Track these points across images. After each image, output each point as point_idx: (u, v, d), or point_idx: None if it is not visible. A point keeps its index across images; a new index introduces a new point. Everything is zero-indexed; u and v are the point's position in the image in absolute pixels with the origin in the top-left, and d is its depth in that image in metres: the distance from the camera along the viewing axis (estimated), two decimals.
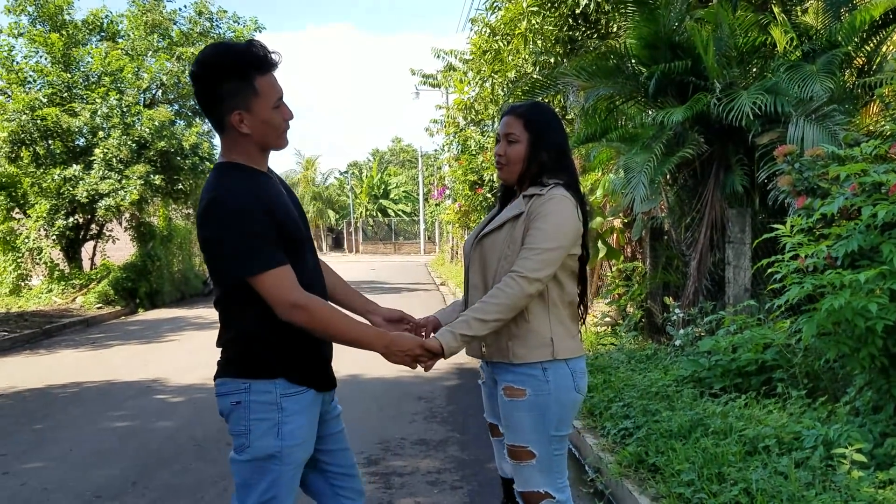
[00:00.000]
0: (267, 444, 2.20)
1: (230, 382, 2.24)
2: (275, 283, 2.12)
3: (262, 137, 2.22)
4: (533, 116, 2.60)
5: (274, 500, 2.23)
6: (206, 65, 2.17)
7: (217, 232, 2.13)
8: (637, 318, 8.34)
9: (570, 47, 10.33)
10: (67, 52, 15.63)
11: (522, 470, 2.54)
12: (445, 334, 2.38)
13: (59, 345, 10.77)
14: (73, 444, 5.48)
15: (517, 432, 2.52)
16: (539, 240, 2.43)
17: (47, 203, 14.85)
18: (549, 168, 2.57)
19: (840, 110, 5.81)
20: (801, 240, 3.98)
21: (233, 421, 2.24)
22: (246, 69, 2.15)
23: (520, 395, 2.50)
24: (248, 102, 2.16)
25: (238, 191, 2.14)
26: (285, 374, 2.22)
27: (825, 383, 4.73)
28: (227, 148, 2.25)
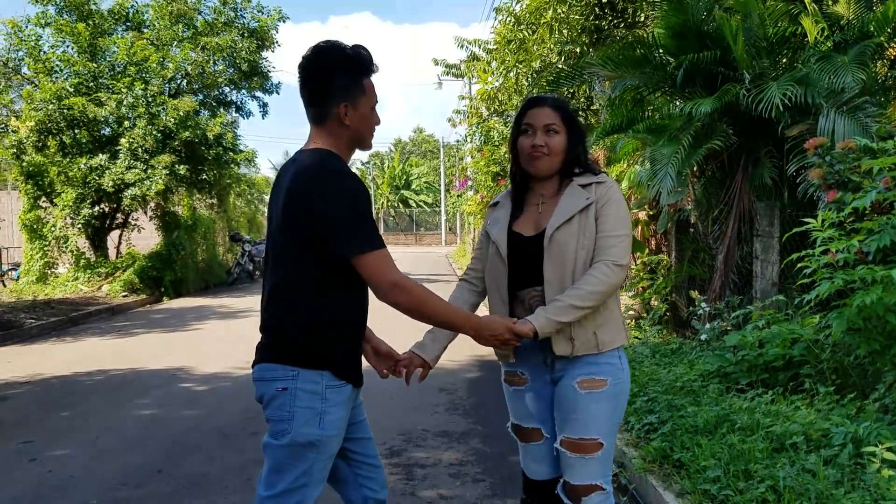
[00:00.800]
0: (308, 431, 2.24)
1: (278, 368, 2.28)
2: (381, 262, 2.23)
3: (357, 132, 2.38)
4: (568, 110, 2.66)
5: (304, 487, 2.27)
6: (323, 58, 2.34)
7: (335, 207, 2.20)
8: (662, 312, 8.27)
9: (596, 37, 10.22)
10: (93, 42, 15.77)
11: (586, 463, 2.51)
12: (540, 318, 2.41)
13: (85, 332, 10.90)
14: (98, 432, 5.53)
15: (591, 425, 2.50)
16: (619, 226, 2.51)
17: (73, 192, 15.01)
18: (580, 159, 2.63)
19: (872, 102, 5.71)
20: (832, 234, 3.92)
21: (275, 406, 2.27)
22: (358, 68, 2.35)
23: (600, 386, 2.50)
24: (356, 98, 2.34)
25: (347, 171, 2.29)
26: (331, 367, 2.28)
27: (854, 380, 4.65)
28: (321, 138, 2.36)
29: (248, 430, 5.49)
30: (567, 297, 2.43)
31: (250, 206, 24.74)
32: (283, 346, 2.30)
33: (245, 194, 22.27)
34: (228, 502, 4.13)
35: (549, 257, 2.53)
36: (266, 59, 19.11)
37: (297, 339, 2.28)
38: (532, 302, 2.56)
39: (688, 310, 7.54)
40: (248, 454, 4.91)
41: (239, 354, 8.58)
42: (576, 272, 2.49)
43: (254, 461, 4.75)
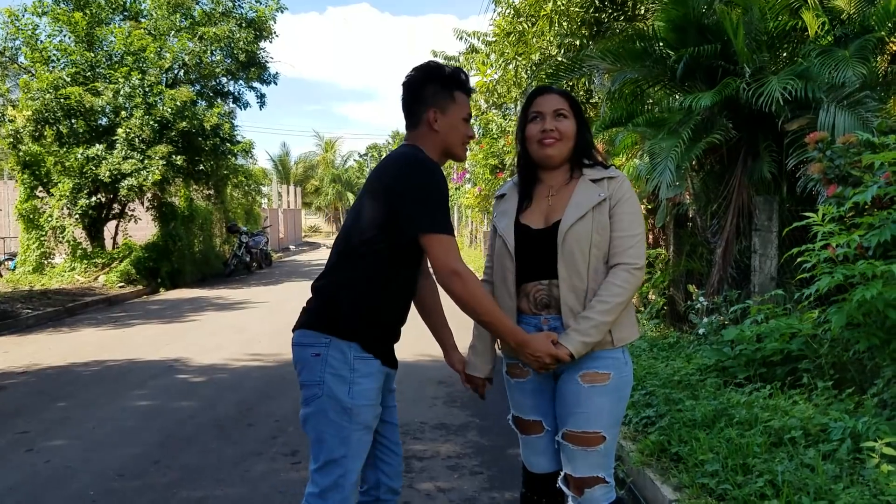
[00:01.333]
0: (338, 396, 2.37)
1: (312, 335, 2.43)
2: (448, 246, 2.34)
3: (446, 138, 2.54)
4: (573, 98, 2.66)
5: (344, 458, 2.37)
6: (419, 69, 2.57)
7: (416, 189, 2.36)
8: (659, 306, 8.27)
9: (596, 30, 10.19)
10: (91, 32, 15.70)
11: (588, 456, 2.49)
12: (575, 342, 2.40)
13: (82, 323, 10.88)
14: (95, 423, 5.52)
15: (594, 418, 2.48)
16: (634, 225, 2.49)
17: (70, 182, 14.96)
18: (588, 147, 2.63)
19: (873, 97, 5.69)
20: (833, 228, 3.91)
21: (308, 370, 2.41)
22: (449, 81, 2.53)
23: (603, 380, 2.48)
24: (445, 106, 2.52)
25: (435, 165, 2.46)
26: (359, 340, 2.40)
27: (852, 375, 4.65)
28: (414, 141, 2.55)
29: (245, 421, 5.48)
30: (595, 313, 2.41)
31: (247, 198, 24.67)
32: (323, 315, 2.44)
33: (242, 185, 22.17)
34: (224, 494, 4.12)
35: (563, 254, 2.48)
36: (264, 50, 19.08)
37: (336, 310, 2.42)
38: (538, 296, 2.53)
39: (685, 304, 7.54)
40: (244, 446, 4.91)
41: (235, 346, 8.58)
42: (589, 269, 2.47)
43: (250, 453, 4.75)
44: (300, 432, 5.14)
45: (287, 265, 23.58)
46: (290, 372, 7.29)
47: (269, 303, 13.06)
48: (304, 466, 4.49)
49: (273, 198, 39.50)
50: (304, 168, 56.53)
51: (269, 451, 4.79)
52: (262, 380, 6.86)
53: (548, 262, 2.49)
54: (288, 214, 36.52)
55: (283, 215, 35.09)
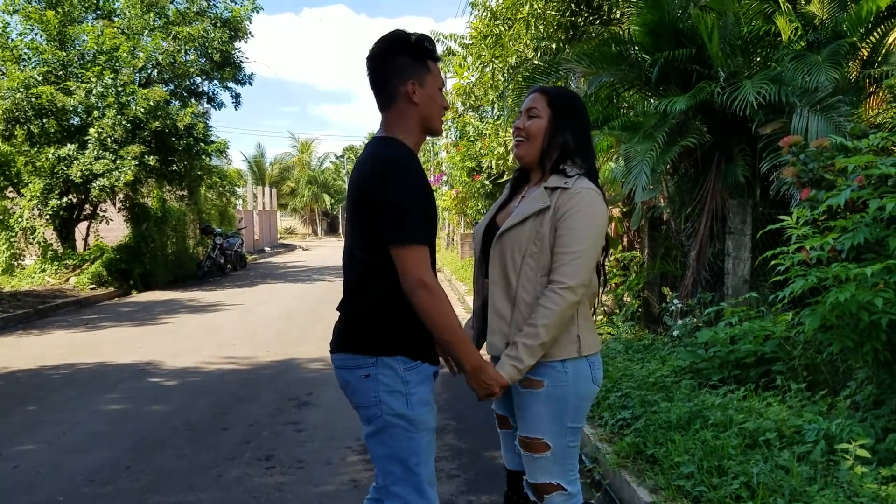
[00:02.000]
0: (398, 410, 2.32)
1: (359, 358, 2.34)
2: (416, 257, 2.22)
3: (427, 111, 2.40)
4: (558, 95, 2.57)
5: (418, 465, 2.34)
6: (385, 41, 2.40)
7: (386, 194, 2.22)
8: (634, 308, 8.31)
9: (572, 33, 10.23)
10: (63, 30, 15.48)
11: (536, 461, 2.50)
12: (507, 368, 2.37)
13: (52, 325, 10.71)
14: (66, 427, 5.43)
15: (533, 424, 2.48)
16: (573, 241, 2.37)
17: (41, 182, 14.74)
18: (571, 152, 2.51)
19: (845, 101, 5.75)
20: (806, 232, 3.94)
21: (362, 393, 2.35)
22: (421, 51, 2.39)
23: (537, 387, 2.45)
24: (422, 77, 2.38)
25: (409, 161, 2.31)
26: (404, 352, 2.33)
27: (825, 376, 4.70)
28: (392, 124, 2.40)
29: (218, 426, 5.42)
30: (524, 337, 2.38)
31: (222, 199, 24.42)
32: (361, 335, 2.36)
33: (217, 186, 21.93)
34: (197, 499, 4.06)
35: (494, 257, 2.50)
36: (239, 50, 18.92)
37: (373, 328, 2.34)
38: (484, 292, 2.60)
39: (660, 306, 7.58)
40: (217, 450, 4.85)
41: (209, 349, 8.49)
42: (520, 278, 2.44)
43: (224, 458, 4.69)
44: (274, 437, 5.11)
45: (262, 267, 23.42)
46: (264, 375, 7.25)
47: (243, 305, 12.94)
48: (278, 471, 4.44)
49: (248, 199, 39.22)
50: (279, 169, 56.23)
51: (242, 456, 4.73)
52: (237, 383, 6.79)
53: None
54: (263, 216, 36.27)
55: (259, 217, 34.85)
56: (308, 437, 5.12)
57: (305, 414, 5.70)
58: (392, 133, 2.39)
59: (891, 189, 3.61)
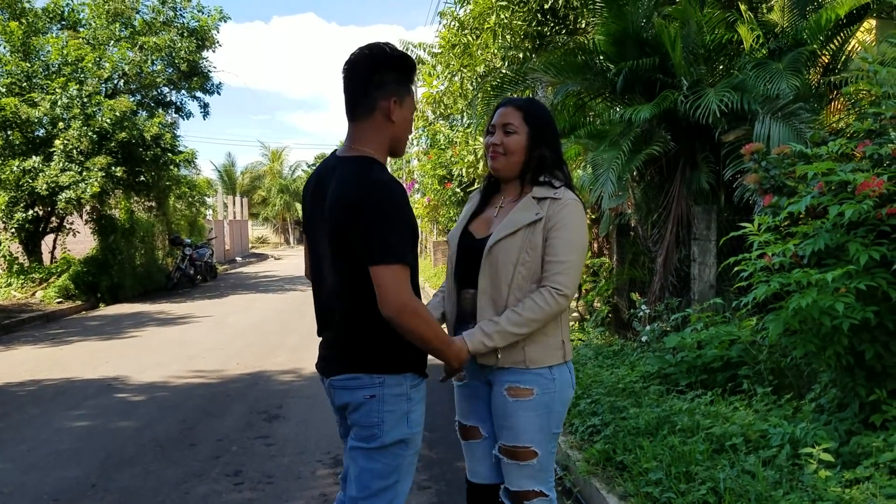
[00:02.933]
0: (399, 431, 2.31)
1: (363, 377, 2.31)
2: (399, 278, 2.18)
3: (399, 132, 2.38)
4: (533, 110, 2.60)
5: (397, 483, 2.35)
6: (375, 52, 2.33)
7: (371, 214, 2.18)
8: (604, 314, 8.37)
9: (538, 43, 10.30)
10: (27, 41, 15.25)
11: (522, 470, 2.52)
12: (474, 339, 2.43)
13: (18, 340, 10.52)
14: (30, 445, 5.33)
15: (521, 432, 2.50)
16: (567, 250, 2.44)
17: (6, 195, 14.48)
18: (549, 165, 2.57)
19: (806, 108, 5.85)
20: (769, 238, 3.99)
21: (363, 413, 2.31)
22: (408, 70, 2.37)
23: (527, 395, 2.48)
24: (404, 97, 2.35)
25: (392, 183, 2.25)
26: (412, 369, 2.34)
27: (790, 380, 4.76)
28: (363, 135, 2.34)
29: (186, 441, 5.35)
30: (504, 319, 2.42)
31: (191, 209, 24.18)
32: (364, 355, 2.32)
33: (186, 196, 21.72)
34: None
35: (485, 267, 2.52)
36: (206, 59, 18.84)
37: (376, 347, 2.30)
38: (464, 303, 2.60)
39: (629, 312, 7.64)
40: (185, 466, 4.79)
41: (177, 363, 8.40)
42: (511, 287, 2.47)
43: (192, 474, 4.64)
44: (243, 451, 5.06)
45: (233, 277, 23.22)
46: (234, 389, 7.17)
47: (213, 317, 12.82)
48: (247, 487, 4.40)
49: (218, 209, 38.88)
50: (250, 178, 55.79)
51: (211, 472, 4.67)
52: (205, 397, 6.71)
53: (476, 272, 2.54)
54: (234, 226, 35.99)
55: (229, 226, 34.56)
56: (278, 451, 5.08)
57: (275, 427, 5.65)
58: (363, 147, 2.33)
59: (850, 195, 3.67)
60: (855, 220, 3.56)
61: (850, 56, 6.80)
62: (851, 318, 3.52)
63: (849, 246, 3.59)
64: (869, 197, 3.52)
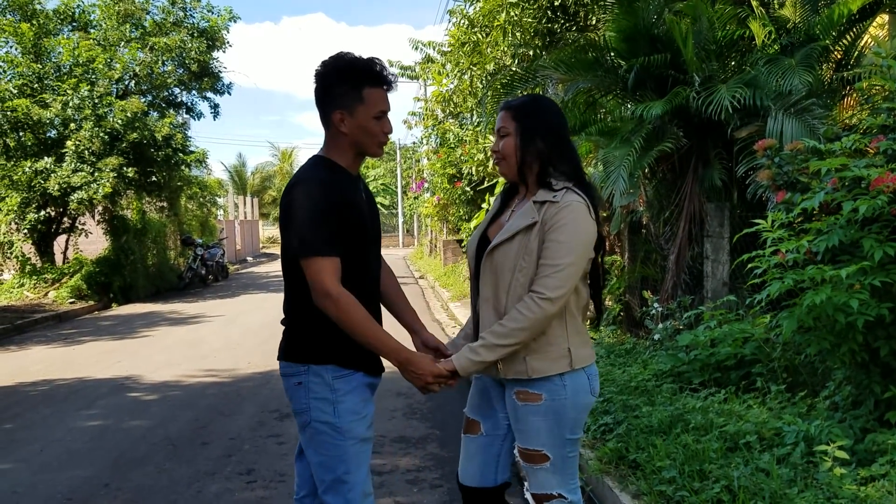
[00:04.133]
0: (325, 419, 2.41)
1: (293, 366, 2.47)
2: (319, 269, 2.31)
3: (356, 140, 2.47)
4: (521, 107, 2.54)
5: (347, 474, 2.42)
6: (326, 66, 2.46)
7: (292, 210, 2.34)
8: (616, 312, 8.33)
9: (548, 40, 10.27)
10: (38, 43, 15.32)
11: (536, 473, 2.50)
12: (461, 359, 2.41)
13: (31, 341, 10.59)
14: (43, 445, 5.36)
15: (532, 436, 2.47)
16: (558, 254, 2.36)
17: (18, 196, 14.57)
18: (549, 157, 2.48)
19: (819, 104, 5.81)
20: (782, 234, 3.96)
21: (295, 400, 2.47)
22: (358, 78, 2.42)
23: (535, 400, 2.44)
24: (352, 107, 2.42)
25: (319, 179, 2.38)
26: (334, 361, 2.42)
27: (804, 378, 4.73)
28: (326, 144, 2.52)
29: (198, 440, 5.37)
30: (489, 333, 2.40)
31: (202, 209, 24.29)
32: (294, 345, 2.48)
33: (197, 197, 21.82)
34: None
35: (485, 273, 2.51)
36: (217, 60, 18.87)
37: (303, 338, 2.45)
38: (478, 310, 2.57)
39: (641, 310, 7.59)
40: (197, 465, 4.80)
41: (189, 362, 8.43)
42: (509, 294, 2.43)
43: (205, 473, 4.65)
44: (255, 450, 5.07)
45: (244, 277, 23.28)
46: (246, 388, 7.21)
47: (224, 316, 12.86)
48: (259, 485, 4.41)
49: (229, 209, 38.99)
50: (260, 178, 55.94)
51: (223, 471, 4.69)
52: (217, 396, 6.73)
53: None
54: (245, 226, 36.08)
55: (240, 227, 34.66)
56: (289, 449, 5.08)
57: (287, 426, 5.66)
58: (327, 152, 2.50)
59: (864, 191, 3.63)
60: (869, 216, 3.53)
61: (863, 51, 6.74)
62: (866, 315, 3.50)
63: (863, 242, 3.57)
64: (883, 193, 3.49)
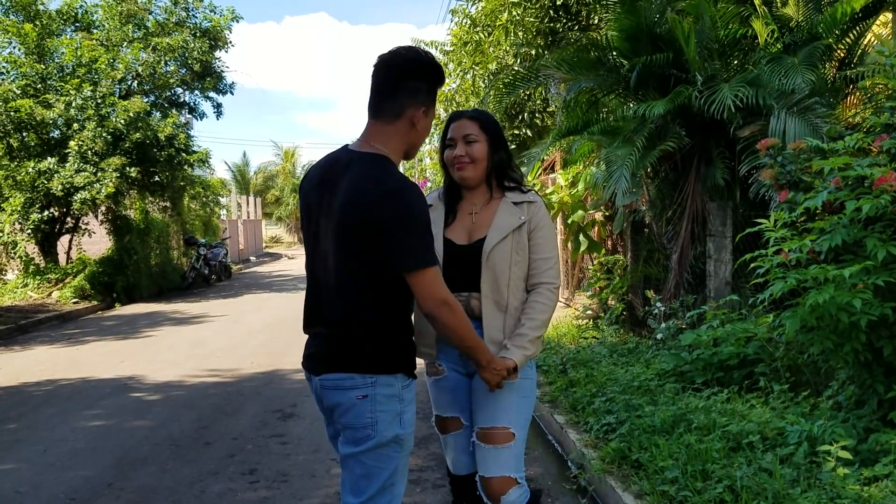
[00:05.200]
0: (392, 432, 2.31)
1: (355, 377, 2.30)
2: (433, 279, 2.25)
3: (418, 139, 2.44)
4: (486, 119, 2.80)
5: (393, 486, 2.36)
6: (412, 58, 2.37)
7: (396, 222, 2.19)
8: (618, 312, 8.32)
9: (551, 39, 10.27)
10: (41, 43, 15.35)
11: (499, 455, 2.65)
12: (517, 355, 2.60)
13: (34, 341, 10.60)
14: (47, 445, 5.37)
15: (501, 413, 2.67)
16: (550, 248, 2.76)
17: (22, 196, 14.59)
18: (508, 164, 2.81)
19: (822, 103, 5.79)
20: (785, 234, 3.95)
21: (356, 414, 2.30)
22: (440, 81, 2.44)
23: (511, 378, 2.62)
24: (430, 108, 2.41)
25: (414, 186, 2.28)
26: (403, 370, 2.36)
27: (807, 377, 4.72)
28: (383, 135, 2.34)
29: (202, 440, 5.37)
30: (528, 329, 2.65)
31: (205, 209, 24.29)
32: (359, 356, 2.31)
33: (200, 196, 21.83)
34: None
35: (485, 272, 2.70)
36: (219, 60, 18.93)
37: (373, 348, 2.31)
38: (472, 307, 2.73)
39: (644, 309, 7.59)
40: (200, 465, 4.81)
41: (192, 362, 8.43)
42: (510, 287, 2.69)
43: (207, 473, 4.65)
44: (258, 450, 5.07)
45: (247, 277, 23.30)
46: (249, 387, 7.19)
47: (227, 316, 12.87)
48: (262, 486, 4.41)
49: (232, 209, 39.03)
50: (263, 178, 55.99)
51: (226, 471, 4.69)
52: (220, 396, 6.74)
53: (468, 277, 2.69)
54: (248, 225, 36.10)
55: (243, 226, 34.68)
56: (293, 449, 5.09)
57: (290, 426, 5.66)
58: (381, 147, 2.32)
59: (867, 190, 3.62)
60: (872, 215, 3.52)
61: (866, 50, 6.72)
62: (869, 315, 3.49)
63: (866, 241, 3.56)
64: (886, 192, 3.48)
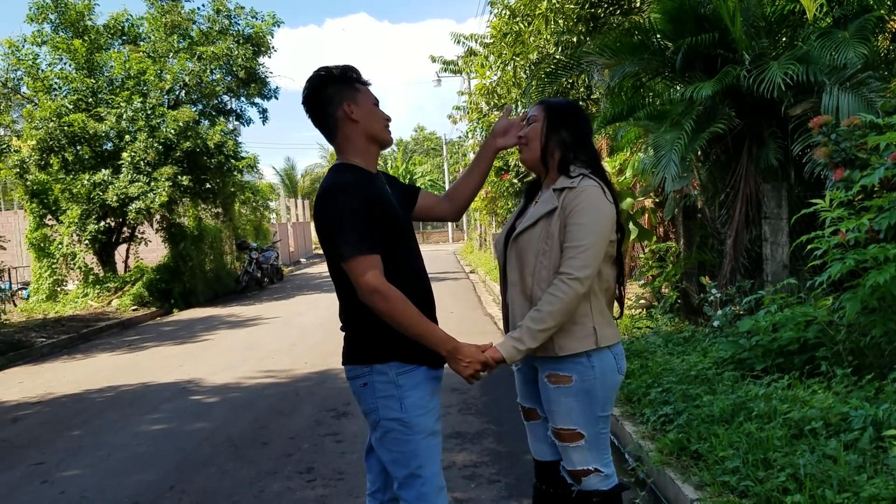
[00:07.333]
0: (393, 415, 2.44)
1: (357, 368, 2.50)
2: (362, 268, 2.32)
3: (367, 127, 2.51)
4: (552, 101, 2.73)
5: (420, 468, 2.44)
6: (311, 81, 2.52)
7: (324, 219, 2.39)
8: (672, 300, 8.18)
9: (592, 25, 10.12)
10: (90, 58, 15.78)
11: (572, 451, 2.61)
12: (506, 347, 2.48)
13: (96, 348, 10.89)
14: (110, 450, 5.49)
15: (565, 416, 2.58)
16: (581, 236, 2.46)
17: (78, 208, 15.01)
18: (571, 145, 2.61)
19: (875, 77, 5.60)
20: (842, 213, 3.83)
21: (363, 401, 2.51)
22: (346, 76, 2.52)
23: (566, 382, 2.55)
24: (354, 96, 2.50)
25: (342, 183, 2.40)
26: (396, 357, 2.44)
27: (871, 360, 4.56)
28: (340, 149, 2.54)
29: (260, 440, 5.44)
30: (528, 320, 2.48)
31: (256, 213, 24.70)
32: (355, 348, 2.51)
33: (250, 202, 22.22)
34: None
35: (511, 260, 2.64)
36: (263, 65, 19.15)
37: (364, 339, 2.49)
38: (507, 299, 2.69)
39: (699, 296, 7.45)
40: (259, 466, 4.87)
41: (248, 364, 8.56)
42: (535, 277, 2.54)
43: (266, 473, 4.71)
44: (314, 449, 5.12)
45: (298, 278, 23.59)
46: (303, 387, 7.29)
47: (280, 317, 13.04)
48: (319, 484, 4.45)
49: (281, 212, 39.57)
50: (310, 181, 56.56)
51: (283, 470, 4.74)
52: (276, 397, 6.82)
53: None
54: (297, 228, 36.54)
55: (293, 229, 35.12)
56: (348, 447, 5.12)
57: (344, 424, 5.70)
58: (345, 158, 2.51)
59: None
60: None
61: None
62: None
63: None
64: None
